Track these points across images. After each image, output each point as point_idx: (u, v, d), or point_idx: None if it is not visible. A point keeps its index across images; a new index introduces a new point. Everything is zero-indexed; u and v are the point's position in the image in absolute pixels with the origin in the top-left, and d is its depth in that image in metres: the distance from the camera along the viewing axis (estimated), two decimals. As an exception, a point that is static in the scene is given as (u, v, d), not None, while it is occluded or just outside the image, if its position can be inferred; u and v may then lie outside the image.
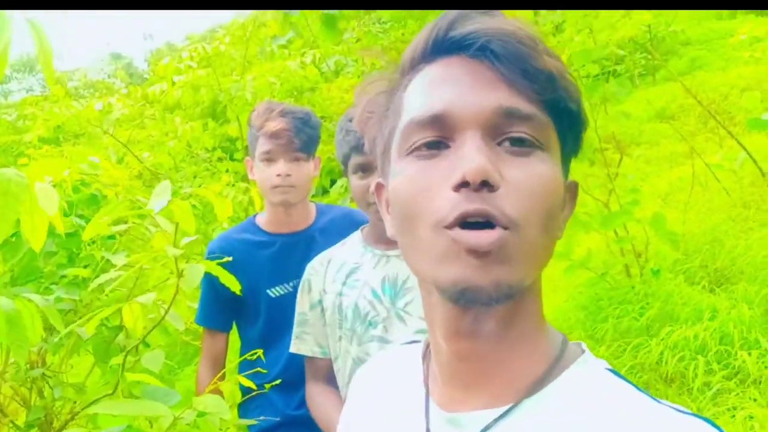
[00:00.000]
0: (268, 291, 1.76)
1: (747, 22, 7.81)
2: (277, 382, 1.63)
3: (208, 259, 1.71)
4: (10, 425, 1.53)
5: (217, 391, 1.86)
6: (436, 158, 0.57)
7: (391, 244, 1.45)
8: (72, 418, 1.48)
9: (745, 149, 4.42)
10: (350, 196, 1.55)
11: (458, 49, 0.59)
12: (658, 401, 0.56)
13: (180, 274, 1.35)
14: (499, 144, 0.56)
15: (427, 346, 0.72)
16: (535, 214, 0.55)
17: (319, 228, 1.82)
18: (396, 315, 1.38)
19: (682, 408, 0.56)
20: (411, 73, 0.63)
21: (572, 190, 0.65)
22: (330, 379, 1.51)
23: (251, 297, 1.74)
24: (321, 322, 1.50)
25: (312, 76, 5.99)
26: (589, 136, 3.87)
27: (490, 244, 0.52)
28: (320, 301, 1.50)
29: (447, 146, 0.57)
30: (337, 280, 1.47)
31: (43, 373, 1.51)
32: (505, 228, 0.53)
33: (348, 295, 1.44)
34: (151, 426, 1.24)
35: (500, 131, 0.56)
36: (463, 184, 0.53)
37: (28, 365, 1.49)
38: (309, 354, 1.52)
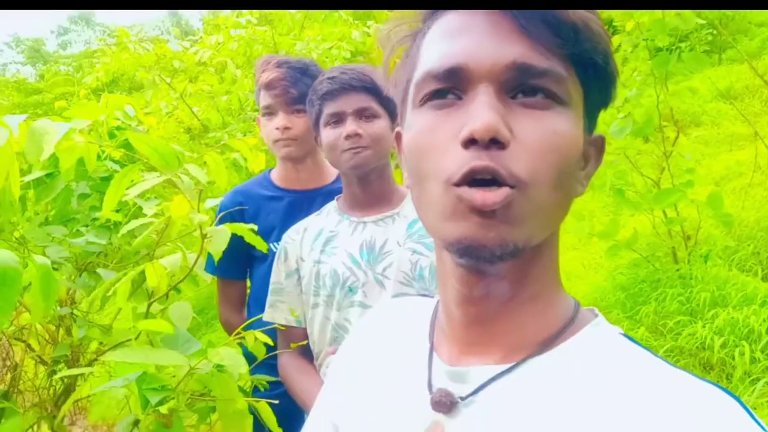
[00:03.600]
0: (271, 245, 1.72)
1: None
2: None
3: (220, 212, 1.70)
4: (38, 359, 1.58)
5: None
6: (447, 109, 0.56)
7: (365, 210, 1.45)
8: (96, 358, 1.51)
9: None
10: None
11: None
12: (674, 366, 0.55)
13: (205, 236, 1.33)
14: (513, 97, 0.55)
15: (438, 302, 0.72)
16: (545, 172, 0.53)
17: (332, 190, 1.74)
18: (375, 279, 1.38)
19: (699, 377, 0.54)
20: (431, 20, 0.61)
21: (598, 144, 0.63)
22: (304, 350, 1.50)
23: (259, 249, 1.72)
24: (297, 291, 1.50)
25: (368, 41, 5.97)
26: (650, 112, 3.70)
27: (495, 203, 0.51)
28: (297, 270, 1.50)
29: (459, 98, 0.56)
30: (314, 249, 1.47)
31: (72, 312, 1.54)
32: (512, 187, 0.52)
33: (326, 263, 1.43)
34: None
35: (514, 85, 0.55)
36: (472, 141, 0.52)
37: (57, 303, 1.52)
38: (282, 322, 1.52)
